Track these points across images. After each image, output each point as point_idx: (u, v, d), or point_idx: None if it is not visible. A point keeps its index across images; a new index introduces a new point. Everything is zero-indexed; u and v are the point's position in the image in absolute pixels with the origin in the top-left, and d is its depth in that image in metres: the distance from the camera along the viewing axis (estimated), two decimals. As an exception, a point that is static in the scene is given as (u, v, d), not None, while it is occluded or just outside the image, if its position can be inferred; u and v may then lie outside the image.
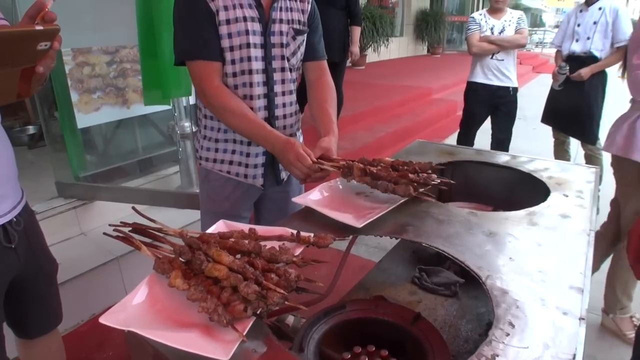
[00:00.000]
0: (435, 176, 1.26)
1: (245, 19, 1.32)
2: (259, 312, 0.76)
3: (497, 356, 0.70)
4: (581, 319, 0.78)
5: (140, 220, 1.03)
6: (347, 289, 1.39)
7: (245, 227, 1.02)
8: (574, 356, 0.70)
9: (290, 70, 1.46)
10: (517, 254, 1.00)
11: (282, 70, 1.43)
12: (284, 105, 1.47)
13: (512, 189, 1.59)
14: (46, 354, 1.44)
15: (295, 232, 0.99)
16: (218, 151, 1.49)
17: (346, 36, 3.96)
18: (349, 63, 5.28)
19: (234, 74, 1.37)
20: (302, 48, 1.48)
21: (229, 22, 1.31)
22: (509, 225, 1.14)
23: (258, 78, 1.38)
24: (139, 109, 3.02)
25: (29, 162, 3.68)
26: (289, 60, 1.44)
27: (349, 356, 0.87)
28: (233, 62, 1.35)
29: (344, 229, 1.08)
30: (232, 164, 1.49)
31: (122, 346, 1.95)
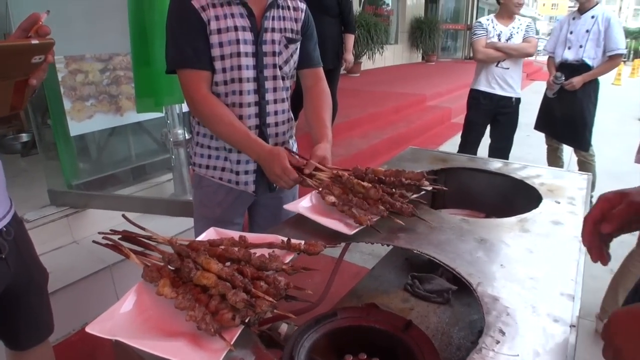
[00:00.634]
0: (428, 183, 1.26)
1: (236, 29, 1.33)
2: (247, 321, 0.75)
3: (487, 364, 0.69)
4: (572, 326, 0.78)
5: (131, 228, 1.02)
6: (340, 296, 1.38)
7: (236, 235, 1.02)
8: (564, 363, 0.69)
9: (283, 79, 1.47)
10: (508, 260, 0.99)
11: (274, 78, 1.43)
12: (276, 113, 1.48)
13: (504, 196, 1.59)
14: (37, 365, 1.42)
15: (285, 239, 0.98)
16: (210, 158, 1.50)
17: (340, 43, 3.99)
18: (343, 70, 5.29)
19: (224, 82, 1.38)
20: (295, 56, 1.48)
21: (220, 31, 1.32)
22: (500, 232, 1.14)
23: (249, 86, 1.39)
24: (132, 117, 3.01)
25: (21, 170, 3.66)
26: (281, 69, 1.44)
27: (340, 364, 0.86)
28: (224, 70, 1.36)
29: (335, 237, 1.08)
30: (224, 170, 1.49)
31: (113, 356, 1.92)
